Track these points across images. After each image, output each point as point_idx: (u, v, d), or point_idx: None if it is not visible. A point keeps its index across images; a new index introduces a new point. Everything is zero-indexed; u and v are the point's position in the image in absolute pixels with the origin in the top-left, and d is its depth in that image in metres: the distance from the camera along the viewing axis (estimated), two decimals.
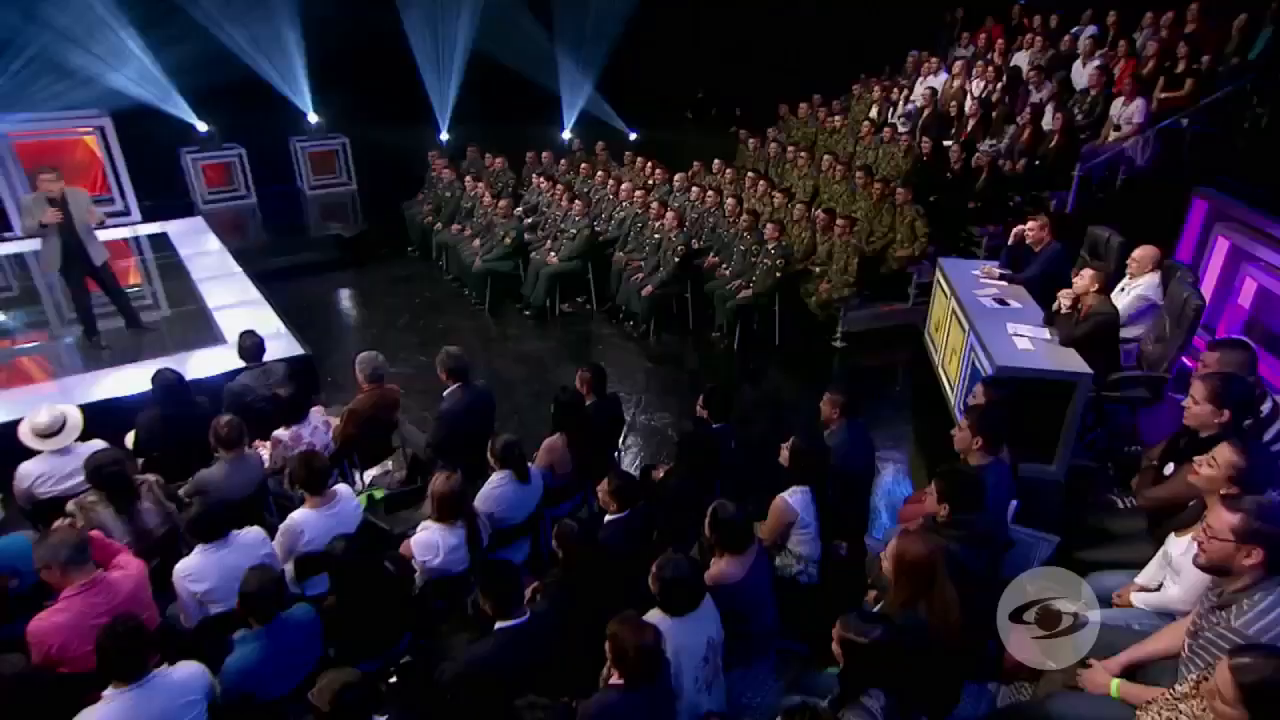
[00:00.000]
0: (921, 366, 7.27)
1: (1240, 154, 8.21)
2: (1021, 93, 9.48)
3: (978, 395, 4.01)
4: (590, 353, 8.21)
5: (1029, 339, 5.46)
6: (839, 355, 8.09)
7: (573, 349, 8.30)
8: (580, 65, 13.81)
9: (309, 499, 4.12)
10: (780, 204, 8.79)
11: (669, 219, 8.27)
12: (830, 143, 10.36)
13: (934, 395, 6.67)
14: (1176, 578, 2.78)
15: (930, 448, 6.27)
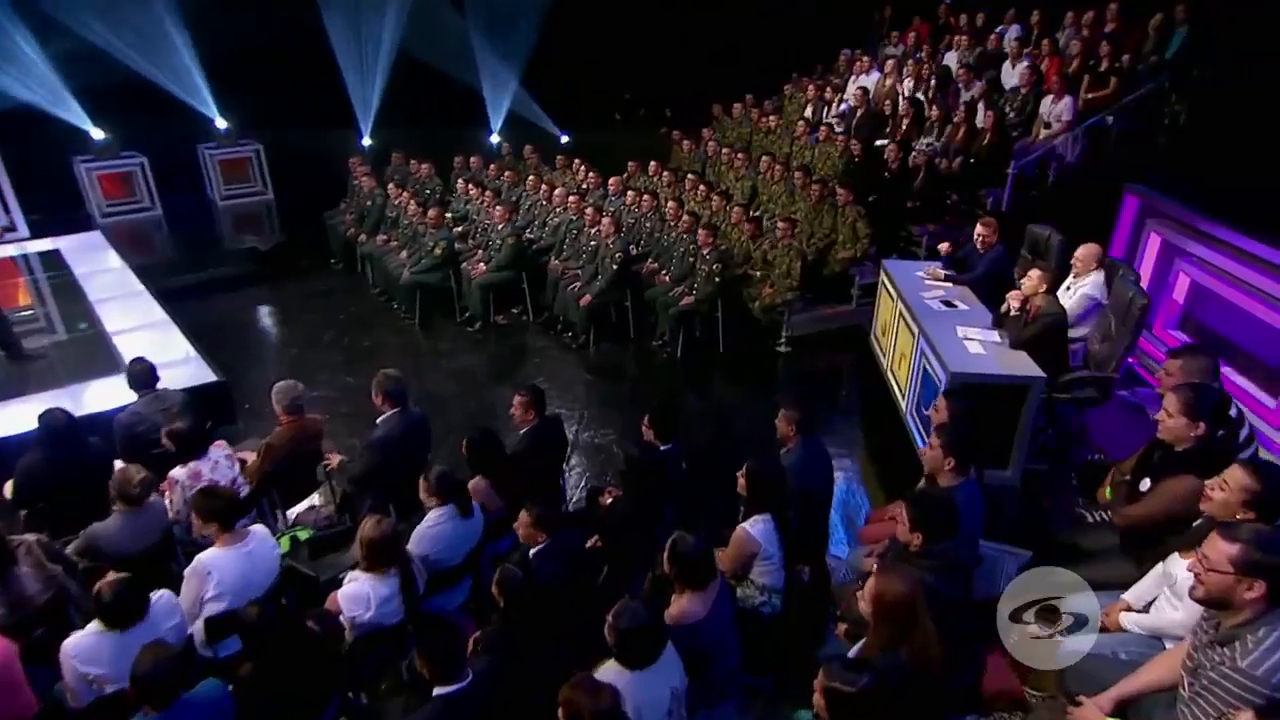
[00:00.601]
0: (868, 369, 7.16)
1: (1162, 151, 8.40)
2: (952, 91, 9.51)
3: (939, 409, 3.85)
4: (527, 366, 7.86)
5: (979, 342, 5.36)
6: (784, 360, 7.93)
7: (509, 363, 7.94)
8: (503, 64, 13.35)
9: (218, 537, 3.69)
10: (718, 207, 8.60)
11: (605, 225, 7.98)
12: (765, 143, 10.23)
13: (882, 399, 6.55)
14: (1179, 602, 2.62)
15: (881, 454, 6.14)
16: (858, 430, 6.68)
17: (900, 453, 5.83)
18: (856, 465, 6.16)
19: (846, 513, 5.51)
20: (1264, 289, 5.37)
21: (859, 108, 9.79)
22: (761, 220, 7.99)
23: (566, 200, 9.15)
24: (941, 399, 3.86)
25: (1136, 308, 5.07)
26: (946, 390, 3.82)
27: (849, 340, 8.02)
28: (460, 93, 13.01)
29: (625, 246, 8.00)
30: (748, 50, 13.50)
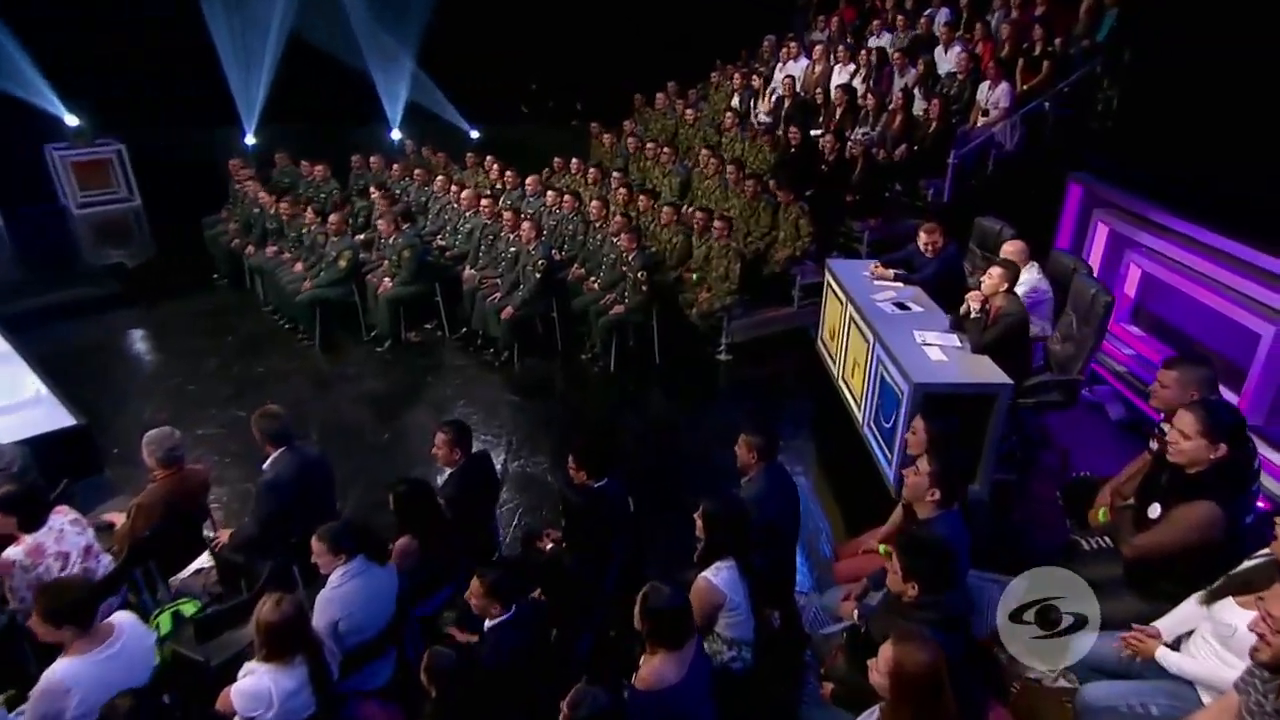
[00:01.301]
0: (816, 376, 7.01)
1: (1095, 136, 8.55)
2: (886, 77, 9.50)
3: (916, 431, 3.65)
4: (445, 388, 7.40)
5: (939, 348, 5.23)
6: (725, 369, 7.72)
7: (425, 386, 7.45)
8: (394, 48, 12.63)
9: (72, 644, 3.16)
10: (646, 207, 8.32)
11: (525, 229, 7.59)
12: (692, 136, 10.01)
13: (835, 409, 6.39)
14: (1236, 659, 2.43)
15: (837, 469, 5.96)
16: (809, 443, 6.50)
17: (859, 468, 5.66)
18: (810, 482, 5.96)
19: (805, 537, 5.29)
20: (1221, 280, 5.42)
21: (788, 97, 9.67)
22: (713, 214, 7.71)
23: (479, 203, 8.71)
24: (919, 420, 3.66)
25: (1100, 306, 5.03)
26: (923, 410, 3.63)
27: (793, 344, 7.87)
28: (358, 83, 12.34)
29: (548, 252, 7.63)
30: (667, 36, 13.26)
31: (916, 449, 3.69)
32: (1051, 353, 5.51)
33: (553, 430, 6.67)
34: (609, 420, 6.83)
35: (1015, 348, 5.16)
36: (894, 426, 5.13)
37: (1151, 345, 6.07)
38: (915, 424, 3.69)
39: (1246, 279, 5.20)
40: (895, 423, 5.10)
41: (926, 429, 3.62)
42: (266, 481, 4.31)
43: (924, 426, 3.63)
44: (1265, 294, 5.06)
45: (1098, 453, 5.49)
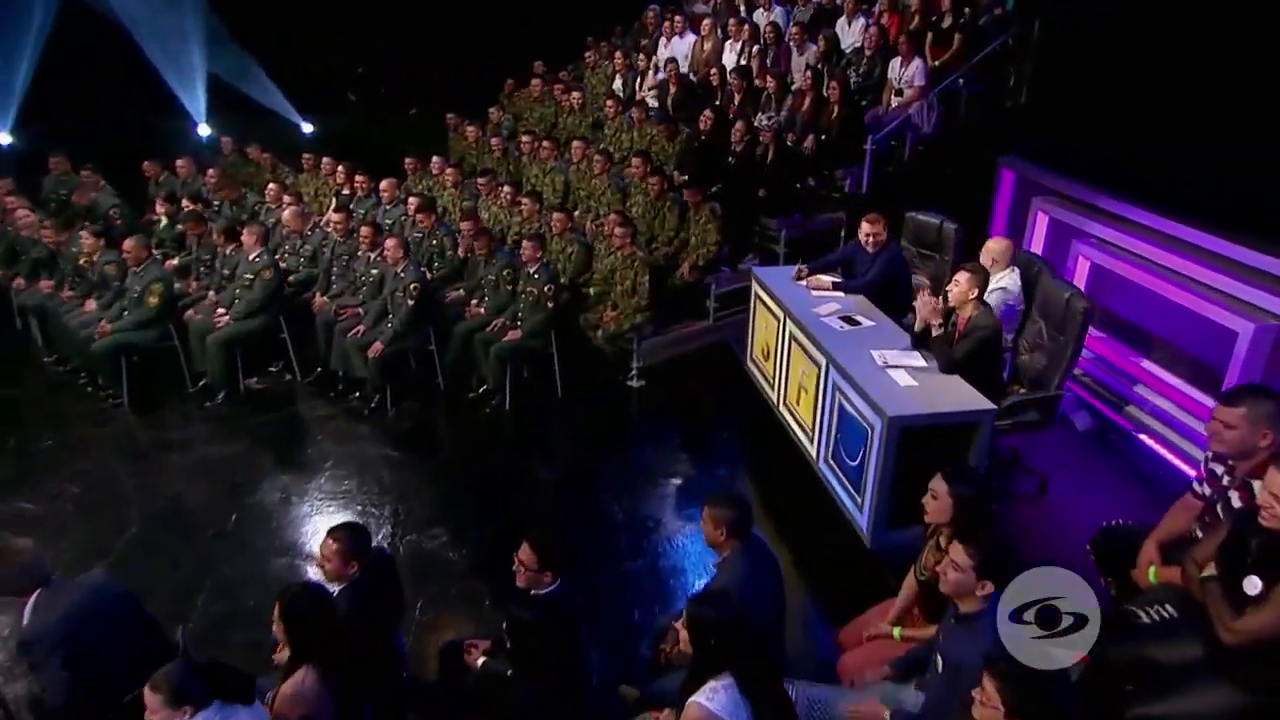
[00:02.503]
0: (746, 400, 6.67)
1: (1014, 116, 8.65)
2: (783, 55, 9.28)
3: (938, 496, 3.27)
4: (305, 448, 6.53)
5: (905, 370, 4.94)
6: (638, 397, 7.23)
7: (278, 445, 6.55)
8: (181, 17, 11.22)
9: None
10: (530, 212, 7.72)
11: (390, 247, 6.82)
12: (576, 126, 9.46)
13: (775, 440, 6.05)
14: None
15: (790, 516, 5.55)
16: (750, 484, 6.10)
17: (818, 514, 5.32)
18: (764, 536, 5.53)
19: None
20: (1189, 275, 5.41)
21: (672, 80, 9.29)
22: (632, 222, 7.20)
23: (326, 215, 7.86)
24: (939, 483, 3.28)
25: (1076, 312, 4.88)
26: (946, 472, 3.25)
27: (713, 363, 7.52)
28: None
29: (420, 274, 6.89)
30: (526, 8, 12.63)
31: (938, 517, 3.31)
32: (1020, 365, 5.34)
33: (446, 489, 5.99)
34: (531, 474, 6.19)
35: (987, 364, 4.95)
36: (862, 464, 4.81)
37: (1112, 346, 6.05)
38: (934, 487, 3.31)
39: (1219, 273, 5.21)
40: (865, 460, 4.77)
41: (951, 494, 3.24)
42: (22, 641, 3.45)
43: (947, 491, 3.25)
44: (1242, 289, 5.07)
45: (1080, 474, 5.37)
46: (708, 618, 3.07)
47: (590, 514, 5.72)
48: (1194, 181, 5.53)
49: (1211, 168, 5.44)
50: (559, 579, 3.51)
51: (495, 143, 9.26)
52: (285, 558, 5.31)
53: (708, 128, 8.30)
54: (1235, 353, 5.08)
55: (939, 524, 3.32)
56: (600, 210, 7.95)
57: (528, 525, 3.62)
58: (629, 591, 4.97)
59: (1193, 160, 5.59)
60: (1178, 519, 3.31)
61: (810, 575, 5.00)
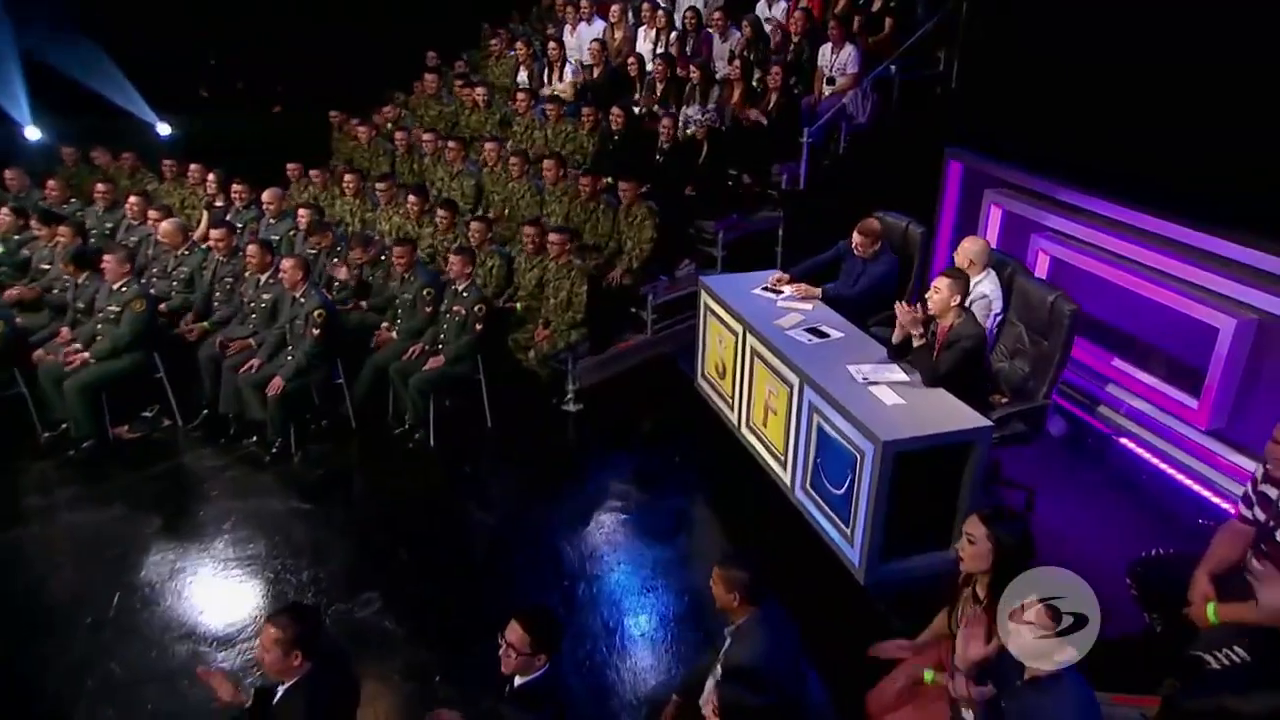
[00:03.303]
0: (699, 421, 6.45)
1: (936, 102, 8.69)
2: (704, 42, 9.09)
3: (976, 540, 3.05)
4: (197, 506, 5.92)
5: (889, 387, 4.78)
6: (576, 423, 6.89)
7: (163, 507, 5.89)
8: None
9: None
10: (445, 222, 7.27)
11: (288, 269, 6.25)
12: (482, 123, 9.02)
13: (738, 466, 5.84)
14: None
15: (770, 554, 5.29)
16: (716, 517, 5.85)
17: (795, 547, 5.11)
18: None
19: None
20: (1163, 270, 5.45)
21: (597, 66, 8.98)
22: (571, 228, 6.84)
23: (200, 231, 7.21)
24: (976, 525, 3.05)
25: (1064, 314, 4.82)
26: (984, 513, 3.03)
27: (656, 380, 7.25)
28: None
29: (325, 299, 6.35)
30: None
31: (976, 565, 3.10)
32: (999, 373, 5.27)
33: (370, 545, 5.50)
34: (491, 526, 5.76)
35: (972, 376, 4.84)
36: (850, 493, 4.62)
37: (1080, 346, 6.05)
38: (971, 531, 3.09)
39: (1197, 267, 5.25)
40: (853, 488, 4.59)
41: (991, 538, 3.03)
42: None
43: (985, 534, 3.03)
44: (1221, 283, 5.12)
45: (1063, 483, 5.34)
46: (748, 705, 2.81)
47: (539, 560, 5.35)
48: (1153, 170, 5.58)
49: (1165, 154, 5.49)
50: (550, 660, 3.16)
51: (399, 139, 8.73)
52: (187, 644, 4.74)
53: (620, 125, 8.00)
54: (1216, 350, 5.13)
55: (977, 572, 3.11)
56: (520, 216, 7.56)
57: (524, 609, 3.21)
58: (601, 651, 4.64)
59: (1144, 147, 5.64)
60: (1228, 547, 3.22)
61: (797, 619, 4.74)
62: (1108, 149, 5.95)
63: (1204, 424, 5.27)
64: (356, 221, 8.08)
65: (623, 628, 4.83)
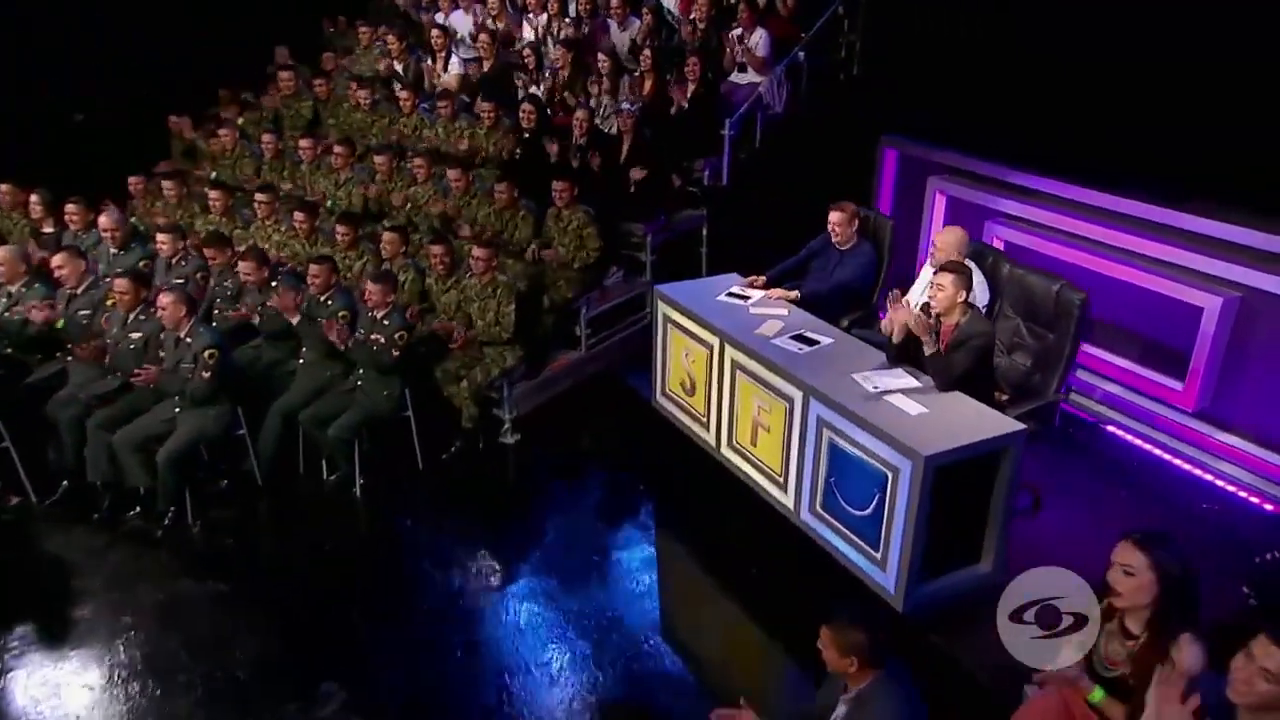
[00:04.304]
0: (656, 441, 6.05)
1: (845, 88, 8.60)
2: (599, 30, 8.62)
3: (1136, 571, 2.71)
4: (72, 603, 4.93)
5: (902, 394, 4.49)
6: (515, 456, 6.29)
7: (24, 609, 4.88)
8: None
9: None
10: (347, 239, 6.49)
11: (168, 304, 5.34)
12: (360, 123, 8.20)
13: (713, 486, 5.47)
14: None
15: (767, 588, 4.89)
16: (699, 549, 5.38)
17: (806, 579, 4.76)
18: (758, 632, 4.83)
19: None
20: (1141, 252, 5.44)
21: (487, 59, 8.34)
22: (495, 241, 6.21)
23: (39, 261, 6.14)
24: (1134, 554, 2.69)
25: (1073, 304, 4.67)
26: (1136, 537, 2.70)
27: (599, 400, 6.74)
28: None
29: (218, 336, 5.48)
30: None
31: (1136, 599, 2.78)
32: (996, 369, 5.08)
33: (314, 626, 4.74)
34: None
35: (982, 375, 4.63)
36: (880, 514, 4.30)
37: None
38: (1126, 560, 2.74)
39: (1175, 246, 5.26)
40: (883, 509, 4.26)
41: (1154, 568, 2.71)
42: None
43: (1147, 564, 2.72)
44: (1203, 261, 5.13)
45: (1058, 478, 5.17)
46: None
47: (521, 620, 4.75)
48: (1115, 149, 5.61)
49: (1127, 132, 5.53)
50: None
51: (267, 142, 7.80)
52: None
53: (531, 123, 7.43)
54: (1201, 330, 5.15)
55: (1137, 607, 2.80)
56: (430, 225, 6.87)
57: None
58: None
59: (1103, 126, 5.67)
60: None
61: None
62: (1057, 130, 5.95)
63: (1191, 405, 5.29)
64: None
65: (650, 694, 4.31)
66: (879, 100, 7.83)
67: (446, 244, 6.18)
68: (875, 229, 5.76)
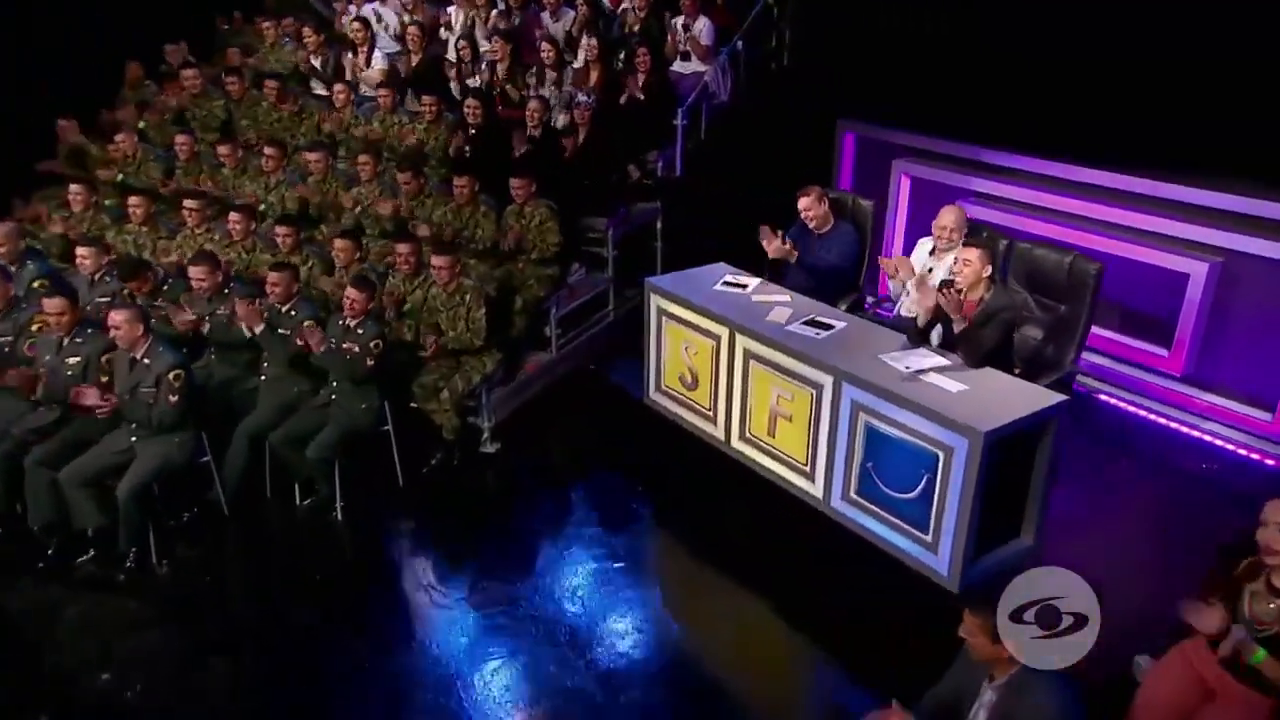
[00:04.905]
0: (648, 438, 5.84)
1: (777, 77, 8.61)
2: (531, 19, 8.33)
3: None
4: (45, 658, 4.35)
5: (937, 372, 4.45)
6: (497, 466, 5.94)
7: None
8: None
9: None
10: (289, 242, 6.03)
11: (123, 323, 4.76)
12: (287, 121, 7.65)
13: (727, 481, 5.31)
14: None
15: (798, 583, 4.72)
16: (715, 546, 5.13)
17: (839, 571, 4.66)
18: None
19: None
20: (1101, 218, 5.59)
21: (416, 53, 7.93)
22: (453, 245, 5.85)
23: None
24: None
25: (1088, 275, 4.73)
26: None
27: (575, 401, 6.47)
28: None
29: (181, 356, 4.94)
30: None
31: None
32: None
33: (330, 666, 4.30)
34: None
35: (1005, 350, 4.65)
36: (928, 495, 4.25)
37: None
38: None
39: (1158, 216, 5.41)
40: (933, 490, 4.21)
41: None
42: None
43: None
44: (1188, 230, 5.30)
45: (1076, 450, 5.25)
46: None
47: (533, 648, 4.39)
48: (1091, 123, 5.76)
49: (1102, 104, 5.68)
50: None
51: (182, 144, 7.16)
52: None
53: (477, 118, 7.08)
54: (1188, 296, 5.32)
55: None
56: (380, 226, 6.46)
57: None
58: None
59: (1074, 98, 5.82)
60: None
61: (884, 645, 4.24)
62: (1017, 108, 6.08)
63: (1179, 370, 5.46)
64: (146, 255, 6.50)
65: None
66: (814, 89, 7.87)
67: (414, 242, 5.79)
68: (855, 211, 5.71)
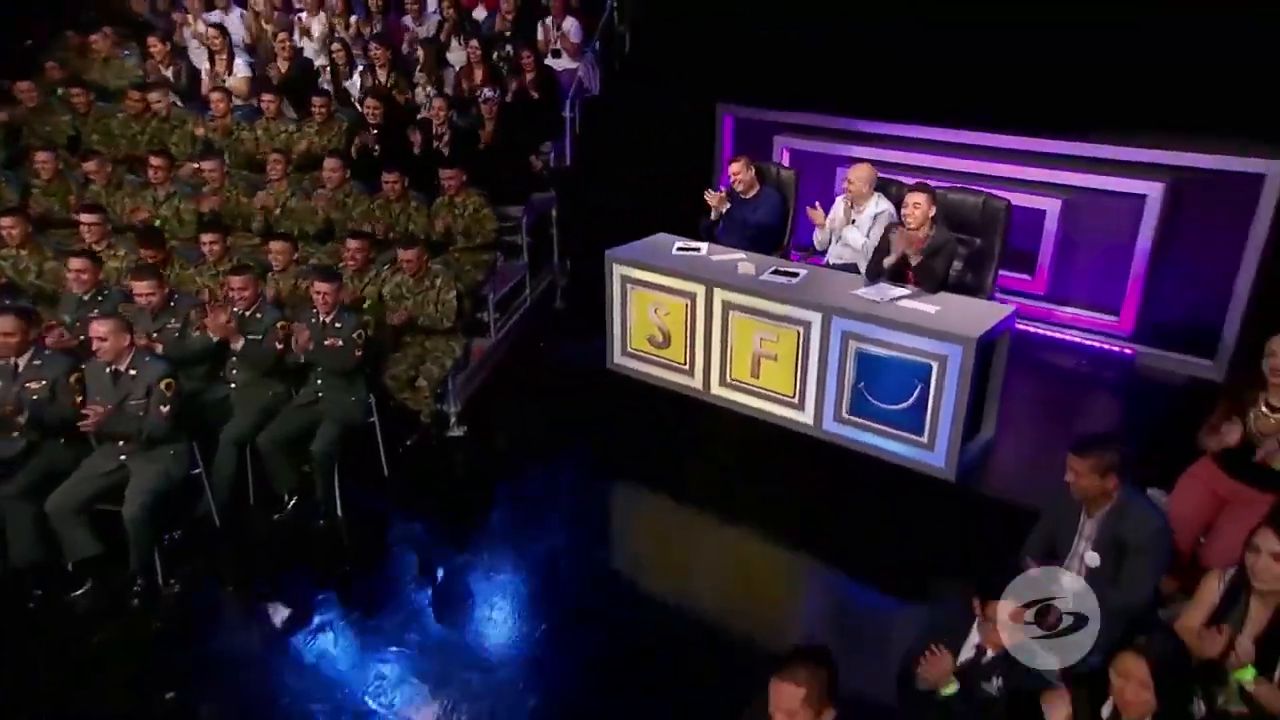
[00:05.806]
0: (612, 402, 6.07)
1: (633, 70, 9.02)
2: (394, 26, 8.24)
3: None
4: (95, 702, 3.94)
5: (910, 297, 5.10)
6: (466, 450, 5.92)
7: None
8: None
9: None
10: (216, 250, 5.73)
11: (106, 334, 4.38)
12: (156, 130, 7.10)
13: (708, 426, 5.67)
14: None
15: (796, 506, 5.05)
16: (712, 488, 5.34)
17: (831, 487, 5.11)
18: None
19: None
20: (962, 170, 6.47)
21: (284, 59, 7.62)
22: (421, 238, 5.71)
23: None
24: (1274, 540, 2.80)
25: (1000, 211, 5.52)
26: (1275, 526, 2.83)
27: (526, 377, 6.57)
28: None
29: (169, 363, 4.60)
30: None
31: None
32: None
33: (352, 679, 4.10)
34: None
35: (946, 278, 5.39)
36: (922, 402, 4.87)
37: None
38: (1268, 544, 2.80)
39: (1017, 165, 6.37)
40: (926, 396, 4.84)
41: None
42: None
43: None
44: (1039, 173, 6.30)
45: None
46: (1165, 653, 2.61)
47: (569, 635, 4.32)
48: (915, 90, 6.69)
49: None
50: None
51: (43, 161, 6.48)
52: None
53: (377, 118, 6.99)
54: (1045, 229, 6.33)
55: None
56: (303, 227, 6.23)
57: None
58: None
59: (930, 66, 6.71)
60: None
61: (895, 542, 4.74)
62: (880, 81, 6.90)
63: (1043, 290, 6.47)
64: (31, 279, 5.88)
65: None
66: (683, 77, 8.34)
67: (367, 238, 5.70)
68: (779, 179, 6.29)
